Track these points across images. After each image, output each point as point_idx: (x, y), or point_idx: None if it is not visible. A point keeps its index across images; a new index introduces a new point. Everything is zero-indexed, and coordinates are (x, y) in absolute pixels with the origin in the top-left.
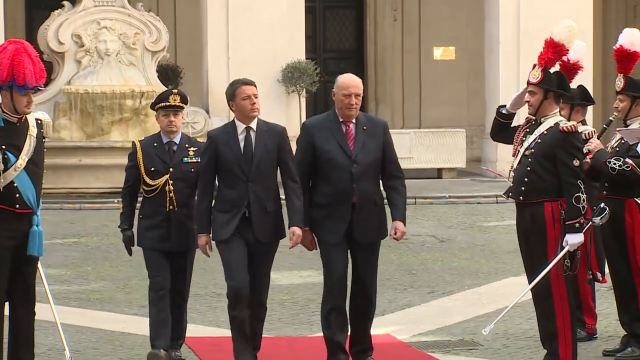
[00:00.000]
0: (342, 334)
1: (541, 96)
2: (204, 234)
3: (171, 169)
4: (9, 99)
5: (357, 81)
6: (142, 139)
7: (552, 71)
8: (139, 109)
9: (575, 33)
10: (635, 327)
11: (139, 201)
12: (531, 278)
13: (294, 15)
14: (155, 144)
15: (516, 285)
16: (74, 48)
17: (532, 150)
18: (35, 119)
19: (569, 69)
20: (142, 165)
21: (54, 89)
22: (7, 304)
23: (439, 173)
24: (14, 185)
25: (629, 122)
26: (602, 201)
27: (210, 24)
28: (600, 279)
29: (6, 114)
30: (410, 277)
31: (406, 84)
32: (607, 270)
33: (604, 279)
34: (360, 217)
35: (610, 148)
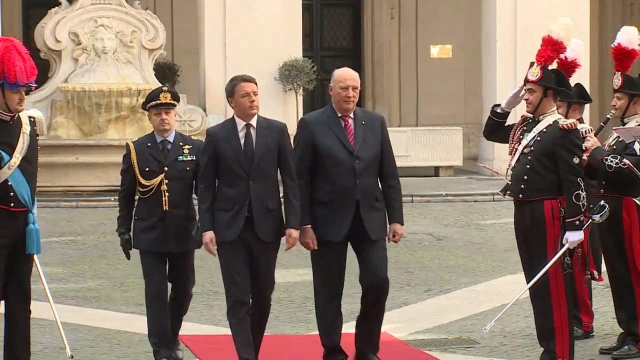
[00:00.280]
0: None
1: (540, 94)
2: (208, 232)
3: (166, 168)
4: (0, 97)
5: (353, 74)
6: (136, 139)
7: (550, 69)
8: (136, 107)
9: (573, 31)
10: (632, 325)
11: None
12: (530, 276)
13: (291, 13)
14: (149, 144)
15: (513, 283)
16: (71, 46)
17: (532, 148)
18: (28, 116)
19: (566, 67)
20: (136, 166)
21: (51, 87)
22: (2, 302)
23: (435, 171)
24: (8, 183)
25: (626, 120)
26: (599, 199)
27: (207, 21)
28: (597, 277)
29: None
30: (407, 275)
31: (403, 82)
32: (603, 269)
33: (600, 277)
34: (366, 214)
35: (607, 146)
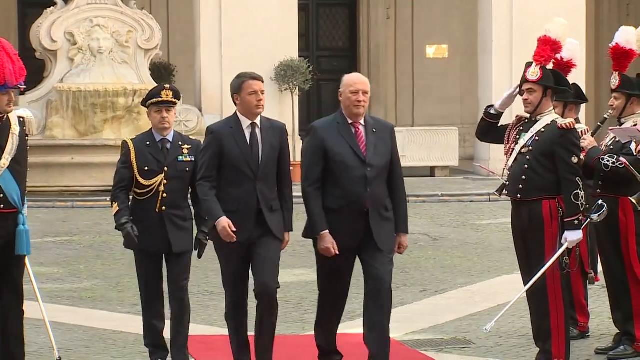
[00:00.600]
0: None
1: (541, 94)
2: (222, 218)
3: (166, 168)
4: None
5: (363, 79)
6: (134, 137)
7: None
8: (132, 107)
9: (568, 31)
10: (628, 325)
11: None
12: (527, 276)
13: (286, 13)
14: (148, 142)
15: (509, 283)
16: (67, 46)
17: (530, 148)
18: (17, 117)
19: (562, 67)
20: (135, 164)
21: (47, 87)
22: None
23: (431, 171)
24: None
25: (623, 120)
26: (596, 199)
27: (203, 21)
28: (594, 277)
29: None
30: (403, 276)
31: (399, 82)
32: (599, 269)
33: (597, 277)
34: (375, 223)
35: (604, 146)
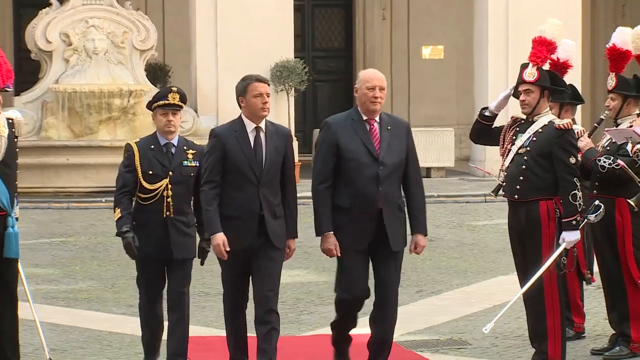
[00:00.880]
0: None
1: (538, 95)
2: (218, 234)
3: (170, 172)
4: None
5: (380, 75)
6: (138, 140)
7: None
8: (127, 108)
9: (562, 31)
10: (623, 326)
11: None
12: (524, 277)
13: (282, 13)
14: (153, 146)
15: (505, 284)
16: (62, 47)
17: (527, 149)
18: (6, 118)
19: (558, 68)
20: (139, 168)
21: (42, 88)
22: None
23: (427, 172)
24: None
25: (619, 121)
26: (593, 200)
27: (198, 22)
28: (590, 278)
29: None
30: None
31: (395, 82)
32: (595, 269)
33: (592, 278)
34: (389, 223)
35: (601, 147)
